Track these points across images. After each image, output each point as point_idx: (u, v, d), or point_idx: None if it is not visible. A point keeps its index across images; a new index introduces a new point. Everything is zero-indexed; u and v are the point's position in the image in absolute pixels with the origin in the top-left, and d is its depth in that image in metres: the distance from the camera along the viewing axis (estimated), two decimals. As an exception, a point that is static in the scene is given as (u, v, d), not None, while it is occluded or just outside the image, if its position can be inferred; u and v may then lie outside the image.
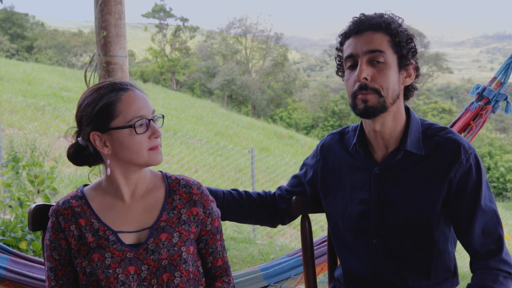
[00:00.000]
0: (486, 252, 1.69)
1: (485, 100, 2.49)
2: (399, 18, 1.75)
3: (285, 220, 2.07)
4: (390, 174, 1.76)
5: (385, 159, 1.77)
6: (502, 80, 2.49)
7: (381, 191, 1.76)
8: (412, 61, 1.74)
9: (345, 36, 1.75)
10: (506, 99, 2.48)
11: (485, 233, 1.70)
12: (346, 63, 1.74)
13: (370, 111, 1.69)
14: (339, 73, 1.83)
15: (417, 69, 1.77)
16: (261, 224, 2.11)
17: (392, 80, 1.69)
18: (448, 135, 1.74)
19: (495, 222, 1.71)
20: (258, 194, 2.05)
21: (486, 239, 1.69)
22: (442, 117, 33.81)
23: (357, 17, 1.74)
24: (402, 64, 1.72)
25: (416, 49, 1.75)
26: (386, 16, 1.72)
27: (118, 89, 1.63)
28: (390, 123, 1.74)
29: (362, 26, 1.70)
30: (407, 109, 1.80)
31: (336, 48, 1.80)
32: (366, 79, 1.67)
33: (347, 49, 1.72)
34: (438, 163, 1.71)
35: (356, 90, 1.69)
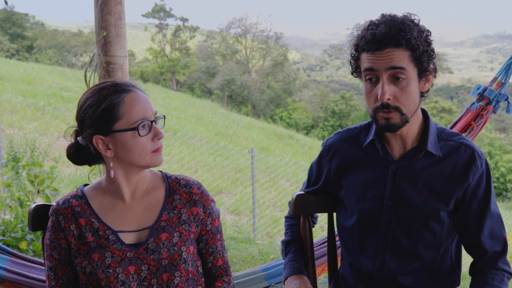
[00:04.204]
0: (493, 253, 1.78)
1: (486, 100, 2.49)
2: (415, 17, 1.71)
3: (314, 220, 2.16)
4: (407, 172, 1.78)
5: (403, 157, 1.79)
6: (502, 81, 2.50)
7: (397, 188, 1.79)
8: (431, 67, 1.74)
9: (362, 49, 1.70)
10: (507, 99, 2.48)
11: (492, 235, 1.78)
12: (365, 75, 1.73)
13: (393, 128, 1.71)
14: (354, 74, 1.82)
15: (435, 70, 1.77)
16: None
17: (413, 96, 1.71)
18: (461, 141, 1.79)
19: (500, 225, 1.81)
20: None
21: (493, 241, 1.79)
22: (442, 116, 33.78)
23: (374, 31, 1.66)
24: (422, 75, 1.72)
25: (434, 51, 1.73)
26: (404, 28, 1.65)
27: (121, 90, 1.62)
28: (409, 125, 1.76)
29: (381, 44, 1.65)
30: (424, 111, 1.83)
31: (351, 55, 1.78)
32: (388, 99, 1.68)
33: (366, 62, 1.70)
34: (456, 166, 1.76)
35: (378, 107, 1.70)
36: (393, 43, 1.64)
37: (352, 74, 1.85)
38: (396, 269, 1.80)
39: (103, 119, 1.60)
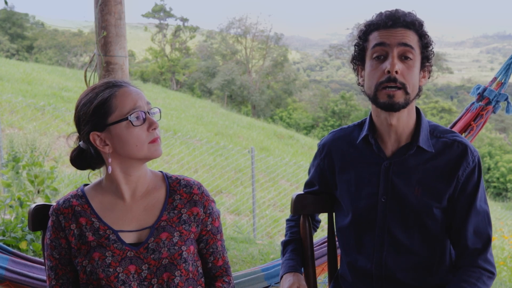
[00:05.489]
0: (473, 251, 1.76)
1: (486, 100, 2.49)
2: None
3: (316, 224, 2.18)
4: (400, 168, 1.79)
5: (396, 153, 1.80)
6: (502, 81, 2.49)
7: (390, 184, 1.79)
8: (431, 63, 1.78)
9: (375, 27, 1.74)
10: (506, 99, 2.48)
11: (476, 232, 1.77)
12: (372, 53, 1.74)
13: (396, 106, 1.71)
14: (354, 61, 1.84)
15: (430, 71, 1.81)
16: None
17: (416, 78, 1.73)
18: (454, 137, 1.80)
19: (486, 223, 1.78)
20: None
21: (476, 238, 1.76)
22: (442, 116, 33.78)
23: (389, 11, 1.75)
24: (423, 65, 1.76)
25: (434, 52, 1.79)
26: (414, 15, 1.74)
27: (113, 86, 1.65)
28: (405, 118, 1.77)
29: (396, 22, 1.71)
30: (416, 108, 1.83)
31: (359, 37, 1.79)
32: (396, 72, 1.69)
33: (377, 38, 1.72)
34: (447, 162, 1.76)
35: (383, 81, 1.70)
36: (407, 23, 1.72)
37: (352, 61, 1.84)
38: (394, 266, 1.80)
39: (96, 114, 1.62)
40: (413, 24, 1.71)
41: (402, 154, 1.79)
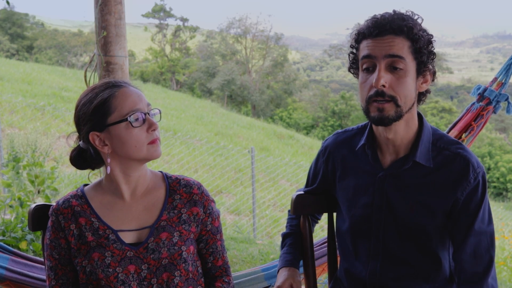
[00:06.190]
0: (472, 275, 1.67)
1: (486, 100, 2.48)
2: (418, 17, 1.67)
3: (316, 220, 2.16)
4: (395, 181, 1.73)
5: (392, 165, 1.74)
6: (503, 81, 2.48)
7: (384, 196, 1.74)
8: (430, 66, 1.68)
9: (363, 36, 1.66)
10: (507, 99, 2.47)
11: (476, 254, 1.67)
12: (362, 64, 1.67)
13: (386, 121, 1.63)
14: (351, 70, 1.77)
15: (434, 73, 1.71)
16: None
17: (410, 88, 1.63)
18: (458, 150, 1.69)
19: (488, 245, 1.68)
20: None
21: (476, 261, 1.67)
22: (442, 116, 33.76)
23: (377, 18, 1.65)
24: (420, 70, 1.66)
25: (434, 52, 1.69)
26: (407, 18, 1.63)
27: (112, 86, 1.65)
28: (402, 130, 1.70)
29: (383, 29, 1.61)
30: (419, 116, 1.76)
31: (351, 46, 1.73)
32: (383, 86, 1.60)
33: (365, 50, 1.65)
34: (446, 179, 1.68)
35: (372, 95, 1.62)
36: (394, 30, 1.61)
37: (349, 70, 1.79)
38: (388, 276, 1.76)
39: (96, 115, 1.62)
40: (401, 30, 1.60)
41: (398, 167, 1.73)
